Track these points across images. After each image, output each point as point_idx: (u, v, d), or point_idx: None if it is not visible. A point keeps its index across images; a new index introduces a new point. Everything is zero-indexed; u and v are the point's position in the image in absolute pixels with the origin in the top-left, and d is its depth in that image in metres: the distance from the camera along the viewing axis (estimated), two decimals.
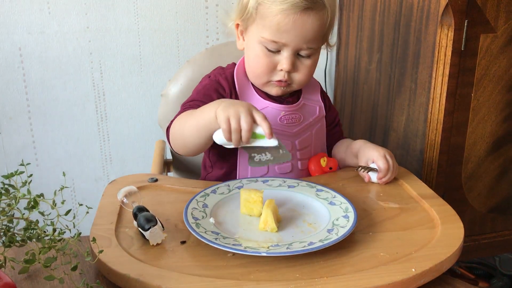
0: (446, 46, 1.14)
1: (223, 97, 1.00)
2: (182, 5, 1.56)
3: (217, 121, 0.81)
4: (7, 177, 0.65)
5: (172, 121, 0.96)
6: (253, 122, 0.81)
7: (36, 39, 1.48)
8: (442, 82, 1.17)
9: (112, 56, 1.55)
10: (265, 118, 0.81)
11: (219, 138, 0.83)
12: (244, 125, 0.80)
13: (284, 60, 0.94)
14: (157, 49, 1.58)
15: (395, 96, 1.35)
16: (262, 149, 0.83)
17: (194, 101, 0.99)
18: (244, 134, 0.80)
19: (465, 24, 1.12)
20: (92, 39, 1.52)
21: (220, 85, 1.00)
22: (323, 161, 1.02)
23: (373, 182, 0.96)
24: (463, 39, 1.13)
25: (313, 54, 0.97)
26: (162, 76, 1.61)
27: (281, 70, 0.95)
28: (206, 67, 1.22)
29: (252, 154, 0.84)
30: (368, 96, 1.48)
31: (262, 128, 0.81)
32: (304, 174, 1.03)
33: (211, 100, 0.97)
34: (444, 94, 1.17)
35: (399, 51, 1.31)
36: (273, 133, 0.81)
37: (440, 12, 1.13)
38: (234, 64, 1.05)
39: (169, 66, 1.61)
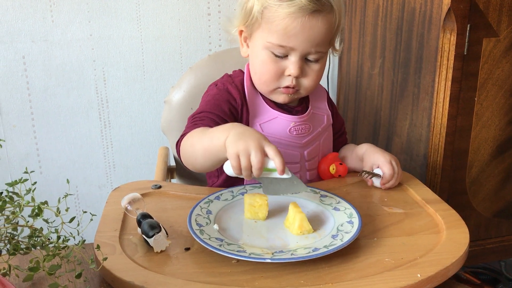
0: (449, 51, 1.14)
1: (235, 108, 0.97)
2: (184, 13, 1.57)
3: (226, 153, 0.77)
4: (11, 184, 0.65)
5: (182, 136, 0.91)
6: (265, 155, 0.76)
7: (39, 47, 1.48)
8: (445, 87, 1.16)
9: (115, 63, 1.56)
10: (278, 152, 0.76)
11: (230, 171, 0.80)
12: (255, 162, 0.75)
13: (292, 65, 0.91)
14: (160, 56, 1.59)
15: (398, 101, 1.35)
16: (276, 180, 0.79)
17: (204, 113, 0.94)
18: (255, 171, 0.76)
19: (468, 29, 1.12)
20: (95, 47, 1.53)
21: (230, 95, 0.97)
22: (332, 169, 1.01)
23: (376, 187, 0.96)
24: (466, 44, 1.13)
25: (321, 59, 0.94)
26: (165, 83, 1.61)
27: (289, 75, 0.93)
28: (209, 73, 1.22)
29: (266, 184, 0.80)
30: (371, 101, 1.48)
31: (274, 163, 0.76)
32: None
33: (222, 111, 0.94)
34: (447, 99, 1.16)
35: (401, 56, 1.31)
36: (285, 167, 0.76)
37: (442, 17, 1.13)
38: (241, 71, 1.02)
39: (172, 73, 1.61)
